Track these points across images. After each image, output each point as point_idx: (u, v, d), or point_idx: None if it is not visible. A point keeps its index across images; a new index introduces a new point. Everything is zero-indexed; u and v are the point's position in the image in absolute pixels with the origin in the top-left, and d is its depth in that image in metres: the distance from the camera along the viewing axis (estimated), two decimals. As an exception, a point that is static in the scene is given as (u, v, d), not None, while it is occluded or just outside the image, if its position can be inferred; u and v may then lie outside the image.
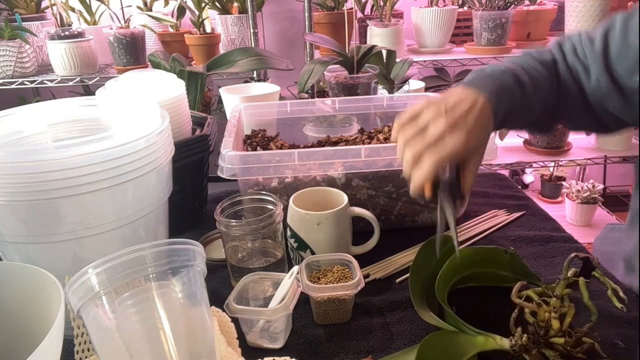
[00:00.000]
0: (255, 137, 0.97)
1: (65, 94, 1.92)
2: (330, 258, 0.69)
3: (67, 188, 0.53)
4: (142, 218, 0.62)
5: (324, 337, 0.63)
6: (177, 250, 0.51)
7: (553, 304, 0.56)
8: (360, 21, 1.88)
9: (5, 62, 1.67)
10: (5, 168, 0.52)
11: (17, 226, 0.56)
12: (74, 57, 1.68)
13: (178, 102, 0.85)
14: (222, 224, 0.70)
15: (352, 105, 1.04)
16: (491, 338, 0.55)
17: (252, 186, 0.81)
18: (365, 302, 0.69)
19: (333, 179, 0.81)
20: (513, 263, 0.69)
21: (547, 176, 2.20)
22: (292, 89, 1.54)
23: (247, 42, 1.74)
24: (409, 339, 0.62)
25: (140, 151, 0.58)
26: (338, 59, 1.14)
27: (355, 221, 0.78)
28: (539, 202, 1.90)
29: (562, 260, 0.77)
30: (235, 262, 0.73)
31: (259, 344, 0.62)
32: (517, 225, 0.88)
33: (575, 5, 1.66)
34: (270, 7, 1.99)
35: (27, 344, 0.52)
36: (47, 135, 0.70)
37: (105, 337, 0.48)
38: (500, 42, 1.73)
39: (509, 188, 1.04)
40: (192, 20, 1.72)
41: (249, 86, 1.21)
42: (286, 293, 0.61)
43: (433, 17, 1.74)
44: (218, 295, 0.72)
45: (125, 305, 0.49)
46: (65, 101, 0.72)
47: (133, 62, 1.75)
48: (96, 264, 0.48)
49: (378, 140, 0.92)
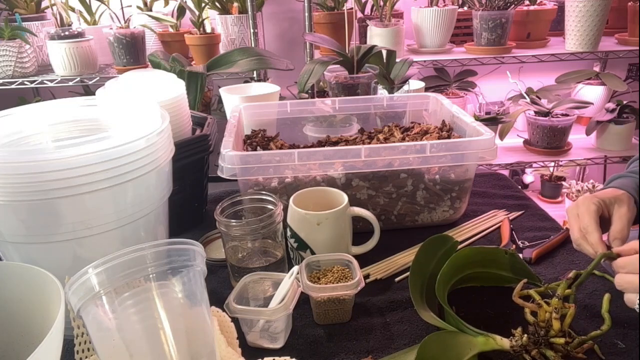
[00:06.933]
0: (255, 137, 0.97)
1: (65, 94, 1.92)
2: (330, 258, 0.69)
3: (67, 188, 0.53)
4: (142, 218, 0.62)
5: (324, 337, 0.63)
6: (177, 250, 0.51)
7: (554, 304, 0.56)
8: (360, 21, 1.88)
9: (5, 62, 1.67)
10: (5, 168, 0.52)
11: (17, 226, 0.56)
12: (74, 57, 1.68)
13: (178, 102, 0.85)
14: (222, 224, 0.70)
15: (352, 105, 1.05)
16: (491, 338, 0.55)
17: (252, 186, 0.81)
18: (365, 302, 0.69)
19: (333, 179, 0.81)
20: (513, 263, 0.69)
21: (547, 176, 2.20)
22: (292, 89, 1.55)
23: (247, 42, 1.74)
24: (409, 339, 0.62)
25: (140, 151, 0.58)
26: (338, 59, 1.13)
27: (355, 221, 0.78)
28: (539, 202, 1.90)
29: (562, 260, 0.77)
30: (235, 262, 0.73)
31: (259, 344, 0.62)
32: (517, 225, 0.88)
33: (575, 5, 1.66)
34: (270, 7, 1.99)
35: (27, 344, 0.52)
36: (47, 135, 0.70)
37: (105, 337, 0.48)
38: (500, 42, 1.73)
39: (509, 188, 1.05)
40: (192, 20, 1.72)
41: (249, 86, 1.21)
42: (286, 293, 0.61)
43: (433, 17, 1.74)
44: (218, 295, 0.72)
45: (125, 305, 0.49)
46: (65, 101, 0.72)
47: (133, 62, 1.75)
48: (96, 264, 0.48)
49: (378, 140, 0.92)
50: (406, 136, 0.93)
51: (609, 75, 1.86)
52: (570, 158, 1.87)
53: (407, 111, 1.07)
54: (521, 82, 1.92)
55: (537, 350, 0.54)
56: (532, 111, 1.83)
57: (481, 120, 1.72)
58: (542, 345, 0.55)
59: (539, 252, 0.78)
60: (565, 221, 1.85)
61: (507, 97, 1.97)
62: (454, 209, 0.87)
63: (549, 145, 1.84)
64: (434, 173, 0.83)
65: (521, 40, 1.83)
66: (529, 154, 1.90)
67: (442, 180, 0.84)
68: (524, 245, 0.80)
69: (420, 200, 0.85)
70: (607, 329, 0.55)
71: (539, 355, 0.54)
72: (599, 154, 1.88)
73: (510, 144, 1.96)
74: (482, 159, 0.79)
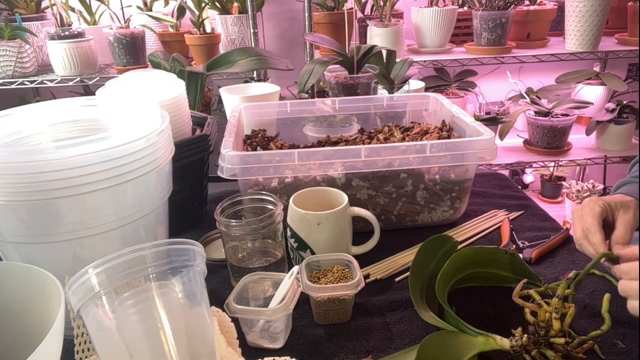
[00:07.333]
0: (255, 137, 0.96)
1: (65, 94, 1.92)
2: (330, 258, 0.69)
3: (67, 188, 0.53)
4: (142, 218, 0.62)
5: (324, 337, 0.63)
6: (177, 250, 0.51)
7: (554, 304, 0.56)
8: (360, 21, 1.88)
9: (5, 62, 1.67)
10: (5, 168, 0.52)
11: (17, 226, 0.56)
12: (74, 57, 1.68)
13: (178, 102, 0.85)
14: (222, 224, 0.70)
15: (352, 105, 1.04)
16: (491, 338, 0.55)
17: (252, 186, 0.81)
18: (365, 302, 0.69)
19: (333, 179, 0.81)
20: (513, 263, 0.69)
21: (547, 176, 2.20)
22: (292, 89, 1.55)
23: (247, 42, 1.74)
24: (409, 339, 0.62)
25: (140, 151, 0.58)
26: (338, 59, 1.13)
27: (355, 221, 0.78)
28: (539, 202, 1.90)
29: (562, 260, 0.78)
30: (235, 262, 0.73)
31: (259, 344, 0.62)
32: (517, 225, 0.88)
33: (575, 5, 1.66)
34: (270, 7, 1.99)
35: (27, 344, 0.52)
36: (47, 135, 0.70)
37: (105, 337, 0.48)
38: (500, 42, 1.73)
39: (509, 188, 1.05)
40: (192, 20, 1.72)
41: (249, 86, 1.21)
42: (286, 293, 0.61)
43: (433, 17, 1.74)
44: (218, 295, 0.72)
45: (125, 305, 0.49)
46: (65, 101, 0.72)
47: (133, 62, 1.75)
48: (96, 264, 0.48)
49: (378, 140, 0.92)
50: (406, 136, 0.93)
51: (609, 75, 1.86)
52: (570, 158, 1.87)
53: (407, 111, 1.07)
54: (521, 82, 1.92)
55: (537, 350, 0.54)
56: (532, 111, 1.83)
57: (481, 120, 1.72)
58: (542, 345, 0.55)
59: (539, 252, 0.78)
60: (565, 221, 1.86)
61: (507, 97, 1.97)
62: (454, 209, 0.87)
63: (549, 145, 1.84)
64: (434, 173, 0.83)
65: (521, 40, 1.83)
66: (529, 154, 1.89)
67: (442, 180, 0.84)
68: (524, 245, 0.80)
69: (420, 200, 0.85)
70: (607, 329, 0.55)
71: (539, 355, 0.54)
72: (599, 154, 1.88)
73: (510, 144, 1.96)
74: (482, 159, 0.79)
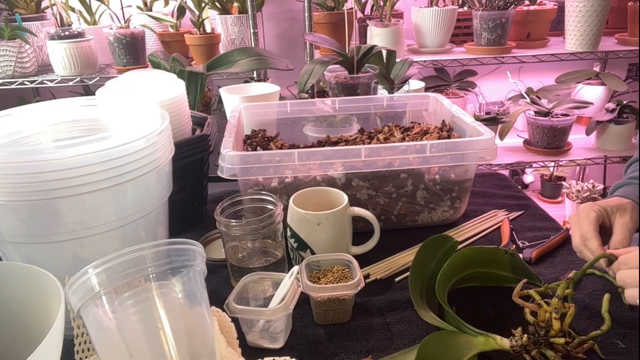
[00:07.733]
0: (255, 137, 0.96)
1: (65, 94, 1.92)
2: (330, 258, 0.69)
3: (67, 188, 0.53)
4: (142, 218, 0.62)
5: (324, 337, 0.63)
6: (177, 250, 0.51)
7: (554, 304, 0.56)
8: (360, 21, 1.88)
9: (5, 62, 1.67)
10: (5, 168, 0.52)
11: (17, 226, 0.56)
12: (74, 57, 1.68)
13: (178, 102, 0.85)
14: (222, 224, 0.70)
15: (352, 105, 1.04)
16: (491, 338, 0.55)
17: (252, 186, 0.81)
18: (365, 302, 0.69)
19: (333, 179, 0.81)
20: (513, 263, 0.69)
21: (547, 176, 2.20)
22: (292, 89, 1.55)
23: (247, 42, 1.74)
24: (409, 339, 0.62)
25: (140, 151, 0.58)
26: (338, 59, 1.13)
27: (355, 221, 0.78)
28: (539, 202, 1.90)
29: (562, 260, 0.77)
30: (235, 262, 0.73)
31: (259, 344, 0.62)
32: (517, 225, 0.88)
33: (575, 5, 1.66)
34: (270, 7, 1.99)
35: (27, 344, 0.52)
36: (47, 135, 0.70)
37: (105, 337, 0.48)
38: (500, 42, 1.73)
39: (509, 188, 1.04)
40: (192, 20, 1.72)
41: (249, 86, 1.21)
42: (286, 293, 0.61)
43: (433, 17, 1.74)
44: (218, 295, 0.72)
45: (125, 305, 0.49)
46: (65, 101, 0.72)
47: (133, 62, 1.75)
48: (96, 264, 0.48)
49: (378, 140, 0.92)
50: (406, 136, 0.93)
51: (609, 75, 1.86)
52: (570, 158, 1.87)
53: (407, 111, 1.07)
54: (521, 82, 1.92)
55: (537, 350, 0.54)
56: (532, 111, 1.83)
57: (481, 120, 1.72)
58: (542, 345, 0.55)
59: (539, 252, 0.78)
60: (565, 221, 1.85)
61: (507, 97, 1.97)
62: (454, 209, 0.87)
63: (549, 145, 1.84)
64: (434, 173, 0.83)
65: (521, 40, 1.83)
66: (529, 154, 1.89)
67: (442, 180, 0.84)
68: (524, 245, 0.80)
69: (420, 200, 0.85)
70: (607, 329, 0.55)
71: (539, 355, 0.54)
72: (599, 154, 1.88)
73: (510, 144, 1.96)
74: (482, 159, 0.79)
